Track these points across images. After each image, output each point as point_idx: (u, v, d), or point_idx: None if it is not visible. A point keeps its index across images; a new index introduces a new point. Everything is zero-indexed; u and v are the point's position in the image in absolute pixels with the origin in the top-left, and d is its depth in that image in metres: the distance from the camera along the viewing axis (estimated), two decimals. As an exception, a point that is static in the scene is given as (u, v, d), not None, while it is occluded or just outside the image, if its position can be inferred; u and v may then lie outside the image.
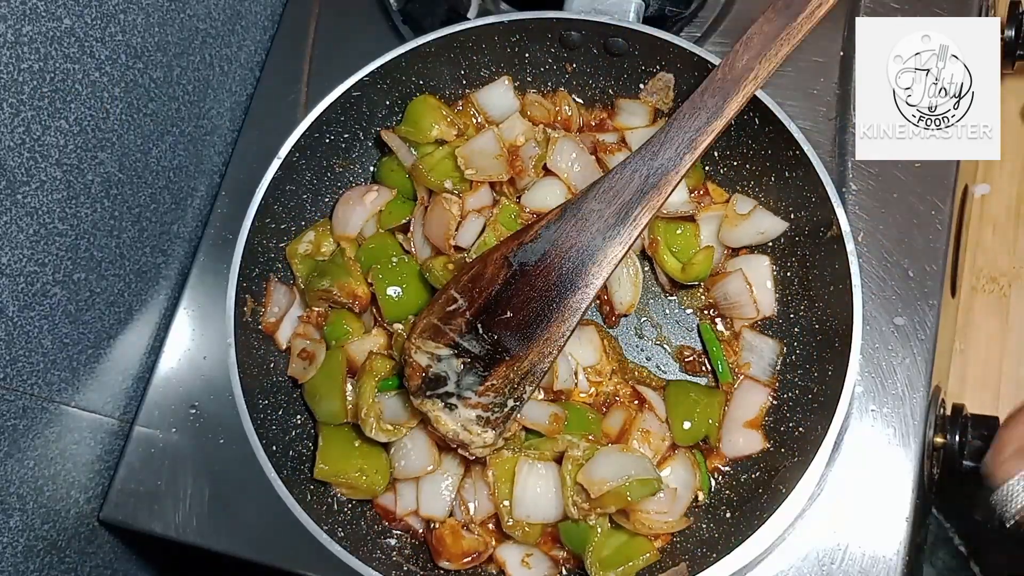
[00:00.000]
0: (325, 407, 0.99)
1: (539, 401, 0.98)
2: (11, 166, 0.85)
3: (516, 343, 0.91)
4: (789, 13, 0.89)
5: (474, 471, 0.97)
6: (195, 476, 1.06)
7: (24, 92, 0.85)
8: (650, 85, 1.07)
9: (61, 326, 0.98)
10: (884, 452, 0.99)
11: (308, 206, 1.09)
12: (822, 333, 0.98)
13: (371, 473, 0.96)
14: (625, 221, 0.91)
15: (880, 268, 1.04)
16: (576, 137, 1.06)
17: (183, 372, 1.11)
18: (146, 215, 1.09)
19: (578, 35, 1.05)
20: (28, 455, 0.97)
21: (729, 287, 1.02)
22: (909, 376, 1.01)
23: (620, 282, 1.02)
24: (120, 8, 0.96)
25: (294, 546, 1.01)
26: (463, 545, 0.96)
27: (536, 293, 0.91)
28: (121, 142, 1.01)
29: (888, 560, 0.96)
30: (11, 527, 0.96)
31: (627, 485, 0.89)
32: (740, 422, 0.99)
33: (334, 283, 1.01)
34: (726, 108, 0.90)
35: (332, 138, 1.08)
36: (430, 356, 0.92)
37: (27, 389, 0.94)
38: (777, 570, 0.97)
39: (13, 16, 0.82)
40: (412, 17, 1.20)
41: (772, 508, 0.89)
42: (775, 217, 1.02)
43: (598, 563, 0.91)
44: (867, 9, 1.14)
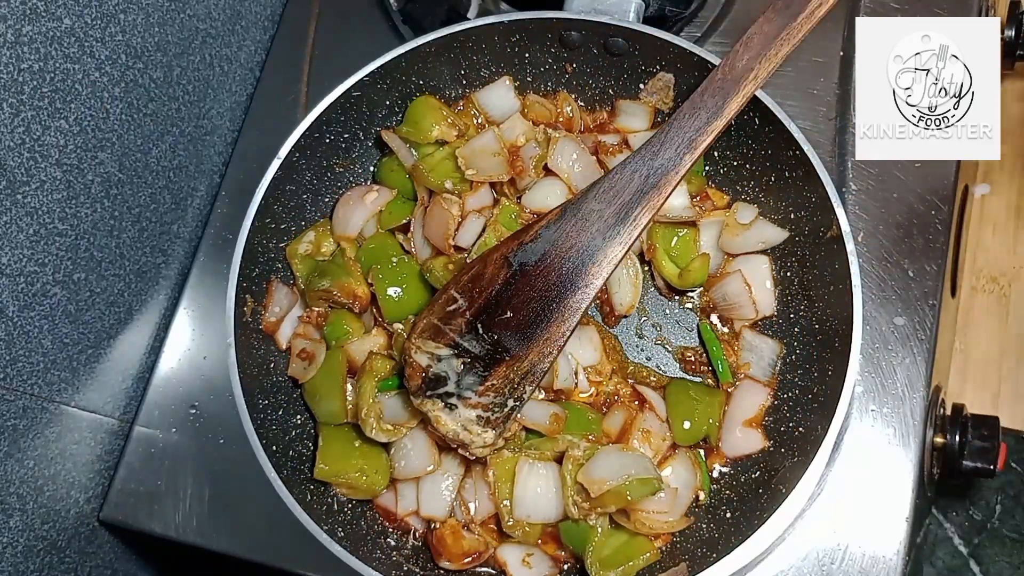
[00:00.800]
0: (325, 407, 0.99)
1: (539, 401, 0.98)
2: (11, 166, 0.85)
3: (516, 343, 0.91)
4: (789, 13, 0.89)
5: (474, 471, 0.97)
6: (195, 476, 1.06)
7: (24, 92, 0.85)
8: (650, 85, 1.07)
9: (61, 326, 0.98)
10: (884, 452, 0.99)
11: (308, 206, 1.09)
12: (822, 333, 0.98)
13: (371, 473, 0.96)
14: (625, 221, 0.91)
15: (880, 268, 1.04)
16: (577, 137, 1.06)
17: (183, 372, 1.11)
18: (146, 215, 1.09)
19: (578, 35, 1.05)
20: (28, 455, 0.96)
21: (728, 288, 1.02)
22: (909, 376, 1.01)
23: (620, 283, 1.02)
24: (120, 8, 0.96)
25: (294, 546, 1.01)
26: (463, 545, 0.96)
27: (536, 293, 0.91)
28: (121, 142, 1.01)
29: (888, 560, 0.96)
30: (11, 527, 0.96)
31: (627, 484, 0.89)
32: (740, 421, 1.00)
33: (334, 283, 1.01)
34: (726, 108, 0.90)
35: (332, 138, 1.08)
36: (430, 356, 0.92)
37: (27, 389, 0.94)
38: (777, 570, 0.97)
39: (13, 16, 0.82)
40: (412, 17, 1.20)
41: (772, 508, 0.89)
42: (776, 228, 1.02)
43: (598, 563, 0.91)
44: (867, 9, 1.14)
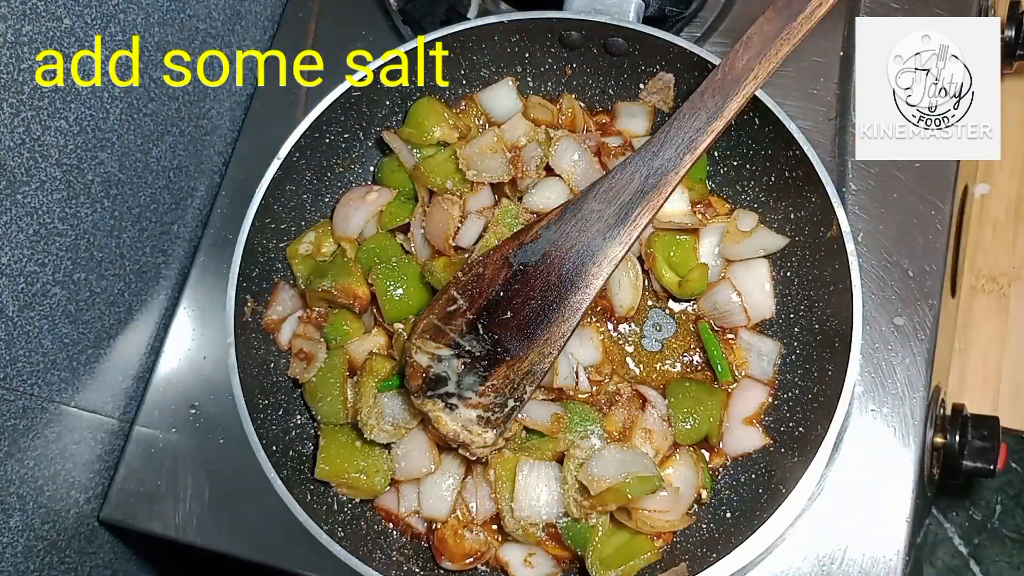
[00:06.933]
0: (325, 407, 0.99)
1: (540, 400, 0.98)
2: (11, 166, 0.85)
3: (517, 343, 0.91)
4: (789, 13, 0.89)
5: (475, 471, 0.97)
6: (195, 476, 1.06)
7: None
8: (650, 85, 1.07)
9: (61, 326, 0.98)
10: (884, 452, 0.99)
11: (308, 206, 1.09)
12: (822, 333, 0.98)
13: (372, 473, 0.96)
14: (625, 221, 0.91)
15: (880, 268, 1.04)
16: (578, 137, 1.06)
17: (183, 372, 1.11)
18: (146, 215, 1.09)
19: (578, 35, 1.05)
20: (28, 455, 0.96)
21: (718, 297, 1.02)
22: (909, 376, 1.01)
23: (620, 285, 1.02)
24: (120, 8, 0.96)
25: (294, 546, 1.01)
26: (465, 546, 0.96)
27: (536, 293, 0.91)
28: (121, 142, 1.01)
29: (888, 560, 0.96)
30: (11, 527, 0.95)
31: (627, 482, 0.89)
32: (740, 420, 1.00)
33: (334, 283, 1.01)
34: (726, 108, 0.90)
35: (332, 138, 1.08)
36: (431, 356, 0.92)
37: (27, 389, 0.94)
38: (777, 570, 0.97)
39: (13, 16, 0.82)
40: (412, 17, 1.20)
41: (772, 508, 0.89)
42: (776, 235, 1.02)
43: (599, 562, 0.91)
44: (867, 9, 1.14)
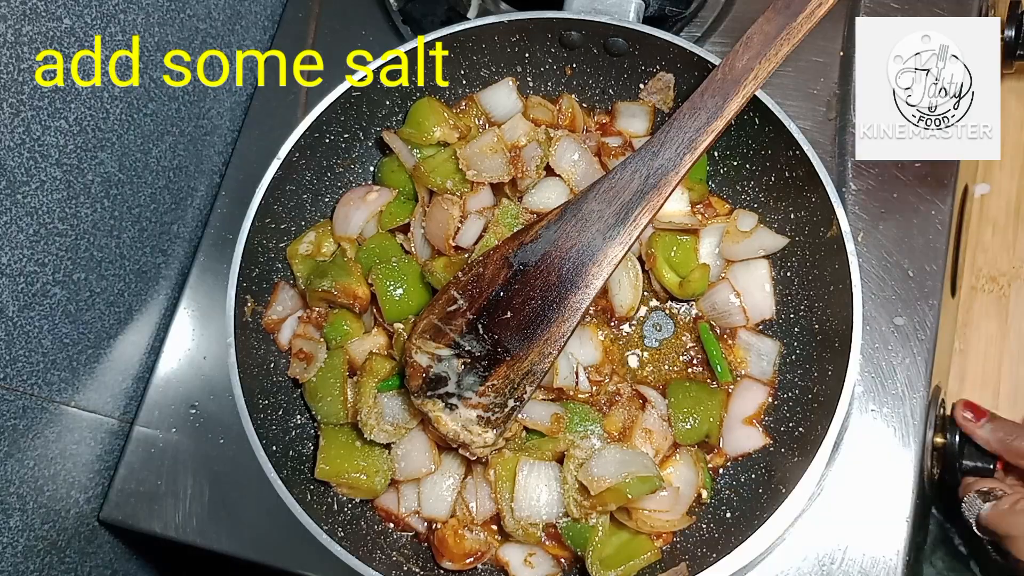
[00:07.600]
0: (325, 407, 0.99)
1: (540, 400, 0.98)
2: (11, 166, 0.85)
3: (517, 343, 0.91)
4: (789, 13, 0.89)
5: (476, 471, 0.97)
6: (195, 476, 1.06)
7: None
8: (650, 85, 1.07)
9: (61, 326, 0.98)
10: (884, 452, 0.99)
11: (308, 206, 1.09)
12: (822, 333, 0.98)
13: (372, 473, 0.96)
14: (625, 221, 0.91)
15: (880, 268, 1.04)
16: (578, 137, 1.06)
17: (183, 372, 1.11)
18: (146, 215, 1.09)
19: (578, 35, 1.05)
20: (28, 455, 0.96)
21: (717, 297, 1.03)
22: (909, 376, 1.01)
23: (620, 285, 1.02)
24: (120, 8, 0.96)
25: (294, 546, 1.01)
26: (465, 546, 0.96)
27: (536, 293, 0.91)
28: (121, 142, 1.01)
29: (888, 560, 0.96)
30: (11, 527, 0.95)
31: (627, 482, 0.89)
32: (740, 419, 1.00)
33: (334, 283, 1.01)
34: (726, 108, 0.90)
35: (332, 138, 1.08)
36: (431, 356, 0.92)
37: (27, 389, 0.94)
38: (777, 570, 0.97)
39: (13, 16, 0.82)
40: (412, 17, 1.20)
41: (772, 508, 0.89)
42: (776, 235, 1.02)
43: (599, 562, 0.91)
44: (867, 9, 1.14)
